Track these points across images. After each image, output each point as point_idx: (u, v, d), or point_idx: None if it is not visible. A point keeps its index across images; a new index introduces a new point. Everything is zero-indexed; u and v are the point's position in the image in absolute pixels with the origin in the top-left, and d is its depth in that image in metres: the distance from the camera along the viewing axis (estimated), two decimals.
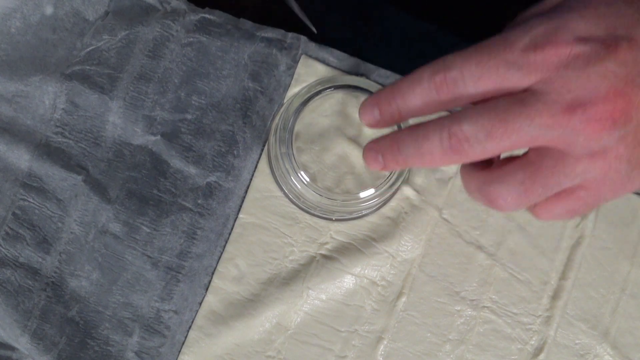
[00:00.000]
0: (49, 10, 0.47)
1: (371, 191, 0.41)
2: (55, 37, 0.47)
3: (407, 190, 0.45)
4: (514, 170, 0.34)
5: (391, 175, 0.41)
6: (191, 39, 0.45)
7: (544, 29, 0.32)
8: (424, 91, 0.33)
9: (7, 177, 0.45)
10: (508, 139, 0.32)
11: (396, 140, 0.35)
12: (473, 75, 0.32)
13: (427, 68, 0.33)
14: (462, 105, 0.34)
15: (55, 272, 0.44)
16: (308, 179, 0.41)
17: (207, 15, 0.46)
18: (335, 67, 0.45)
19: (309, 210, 0.44)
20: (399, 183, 0.42)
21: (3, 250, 0.45)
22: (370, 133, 0.45)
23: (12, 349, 0.44)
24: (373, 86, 0.42)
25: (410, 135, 0.35)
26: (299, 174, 0.41)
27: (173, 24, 0.46)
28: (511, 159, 0.34)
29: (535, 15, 0.33)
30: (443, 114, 0.34)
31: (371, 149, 0.36)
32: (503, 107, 0.32)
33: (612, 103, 0.31)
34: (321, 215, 0.44)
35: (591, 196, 0.34)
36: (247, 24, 0.46)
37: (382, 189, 0.42)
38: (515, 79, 0.32)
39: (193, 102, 0.45)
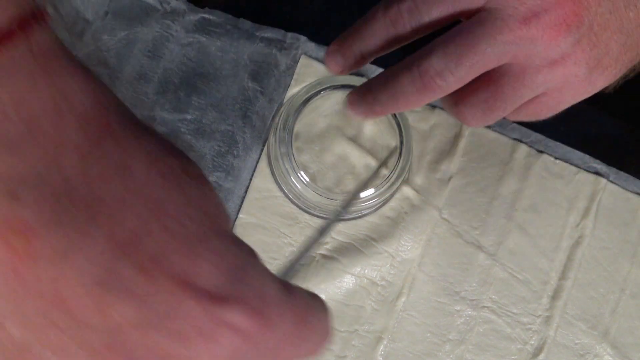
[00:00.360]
0: (48, 10, 0.47)
1: (371, 191, 0.41)
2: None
3: (407, 190, 0.45)
4: (478, 90, 0.34)
5: (391, 175, 0.41)
6: (191, 39, 0.45)
7: None
8: (380, 27, 0.34)
9: None
10: (477, 63, 0.32)
11: (369, 89, 0.35)
12: (425, 1, 0.32)
13: (381, 4, 0.34)
14: (422, 36, 0.34)
15: None
16: (308, 179, 0.41)
17: (206, 16, 0.46)
18: None
19: (309, 210, 0.44)
20: (398, 183, 0.42)
21: None
22: (369, 133, 0.45)
23: None
24: None
25: (381, 81, 0.35)
26: (298, 174, 0.41)
27: (173, 24, 0.46)
28: (476, 79, 0.34)
29: None
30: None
31: (351, 102, 0.36)
32: (466, 32, 0.32)
33: (563, 8, 0.32)
34: (321, 215, 0.44)
35: (553, 100, 0.35)
36: (247, 24, 0.46)
37: (382, 189, 0.42)
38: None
39: (193, 102, 0.45)
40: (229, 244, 0.21)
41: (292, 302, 0.22)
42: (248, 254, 0.22)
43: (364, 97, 0.35)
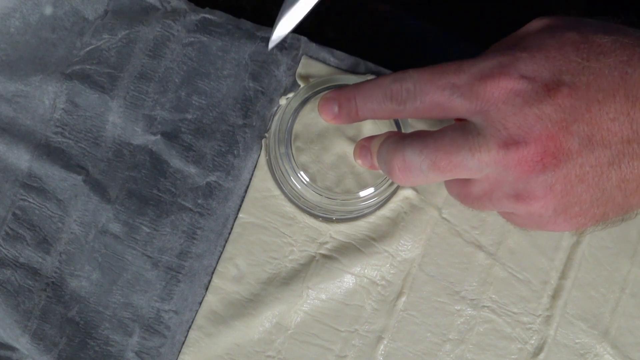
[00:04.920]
0: (48, 9, 0.47)
1: (371, 190, 0.41)
2: (55, 36, 0.47)
3: (406, 190, 0.45)
4: (453, 182, 0.37)
5: None
6: (192, 39, 0.45)
7: (494, 63, 0.33)
8: (380, 96, 0.36)
9: (7, 177, 0.45)
10: (450, 171, 0.33)
11: (356, 152, 0.40)
12: (422, 90, 0.34)
13: (390, 76, 0.36)
14: (412, 117, 0.36)
15: (55, 272, 0.44)
16: (308, 179, 0.41)
17: (207, 15, 0.46)
18: (335, 67, 0.45)
19: (309, 210, 0.44)
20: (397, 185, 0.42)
21: (3, 250, 0.45)
22: (369, 133, 0.45)
23: (12, 349, 0.44)
24: None
25: (359, 150, 0.39)
26: (298, 174, 0.41)
27: (174, 23, 0.46)
28: None
29: (497, 49, 0.34)
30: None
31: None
32: (448, 139, 0.33)
33: (543, 146, 0.31)
34: (321, 215, 0.44)
35: (519, 221, 0.36)
36: (247, 24, 0.46)
37: (382, 188, 0.42)
38: (458, 104, 0.33)
39: (193, 102, 0.45)
40: None
41: None
42: None
43: (359, 153, 0.40)
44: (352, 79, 0.42)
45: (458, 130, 0.33)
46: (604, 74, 0.31)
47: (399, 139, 0.36)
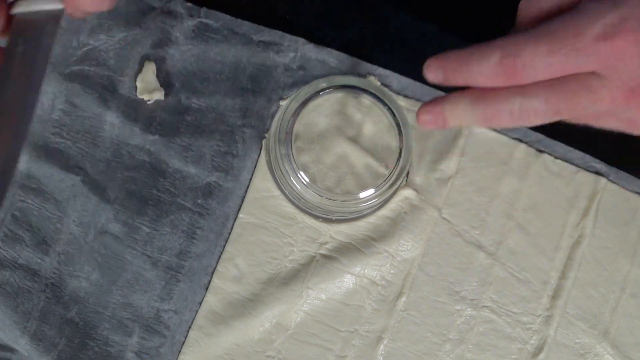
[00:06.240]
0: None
1: (371, 191, 0.41)
2: None
3: (406, 190, 0.45)
4: None
5: (391, 175, 0.41)
6: (190, 45, 0.45)
7: (613, 18, 0.33)
8: (491, 70, 0.35)
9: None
10: (573, 118, 0.35)
11: (464, 103, 0.37)
12: (544, 62, 0.33)
13: (497, 48, 0.34)
14: (529, 94, 0.36)
15: (54, 273, 0.44)
16: (308, 180, 0.41)
17: (205, 20, 0.45)
18: (335, 67, 0.45)
19: (309, 210, 0.44)
20: (398, 183, 0.42)
21: (2, 251, 0.44)
22: (369, 133, 0.45)
23: (12, 350, 0.44)
24: (372, 86, 0.42)
25: (480, 100, 0.36)
26: (298, 175, 0.41)
27: (172, 29, 0.45)
28: None
29: (598, 1, 0.35)
30: None
31: (429, 110, 0.38)
32: (571, 90, 0.34)
33: None
34: (321, 215, 0.44)
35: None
36: (245, 27, 0.46)
37: (382, 189, 0.41)
38: (583, 65, 0.33)
39: (192, 105, 0.45)
40: None
41: None
42: None
43: (452, 110, 0.37)
44: (351, 79, 0.42)
45: (581, 83, 0.34)
46: None
47: (515, 92, 0.35)
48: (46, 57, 0.36)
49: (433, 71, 0.37)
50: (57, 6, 0.36)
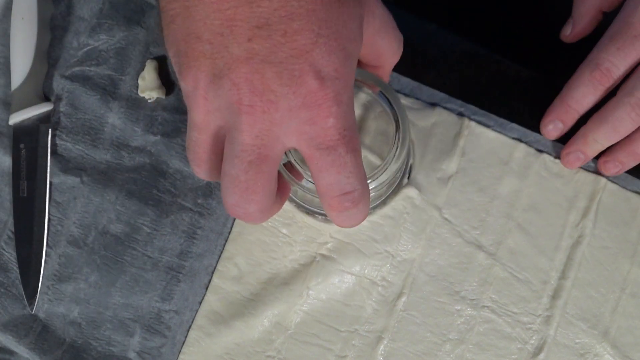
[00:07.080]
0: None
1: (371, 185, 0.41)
2: (51, 35, 0.47)
3: (407, 190, 0.44)
4: None
5: (385, 164, 0.40)
6: None
7: None
8: (588, 88, 0.43)
9: (7, 181, 0.45)
10: None
11: (585, 135, 0.44)
12: (619, 57, 0.41)
13: (585, 69, 0.43)
14: (617, 82, 0.43)
15: (55, 275, 0.44)
16: (308, 179, 0.41)
17: None
18: None
19: (309, 210, 0.44)
20: (398, 183, 0.42)
21: (6, 254, 0.45)
22: (369, 130, 0.45)
23: (11, 352, 0.44)
24: (373, 79, 0.41)
25: (600, 123, 0.43)
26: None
27: None
28: None
29: None
30: None
31: (568, 152, 0.45)
32: None
33: None
34: (321, 214, 0.44)
35: None
36: None
37: (382, 189, 0.41)
38: None
39: None
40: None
41: None
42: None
43: (583, 141, 0.43)
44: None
45: None
46: None
47: (631, 97, 0.41)
48: (45, 151, 0.44)
49: (554, 129, 0.44)
50: (46, 108, 0.45)
